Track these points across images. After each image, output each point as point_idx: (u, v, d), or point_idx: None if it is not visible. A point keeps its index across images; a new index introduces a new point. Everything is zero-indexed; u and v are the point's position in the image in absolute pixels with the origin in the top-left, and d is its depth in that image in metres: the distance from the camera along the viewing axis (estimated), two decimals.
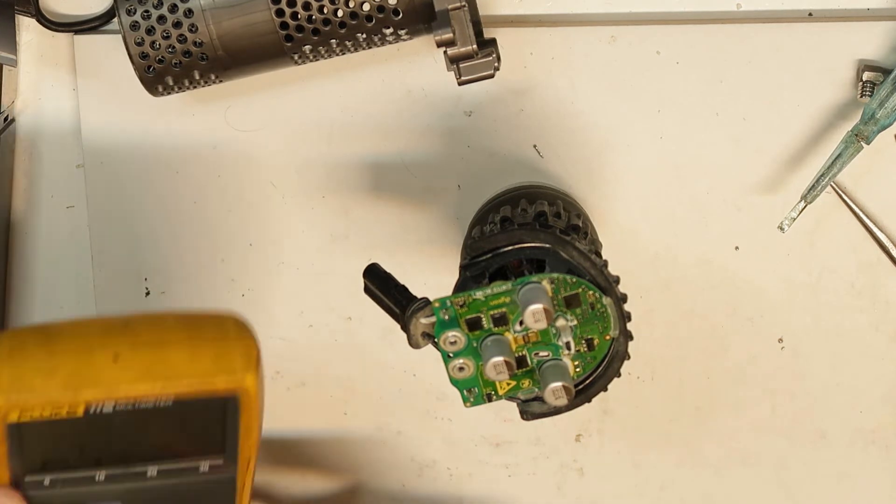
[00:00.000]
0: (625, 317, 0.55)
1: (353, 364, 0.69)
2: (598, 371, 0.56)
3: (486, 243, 0.56)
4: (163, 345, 0.50)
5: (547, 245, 0.55)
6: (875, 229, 0.64)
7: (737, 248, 0.65)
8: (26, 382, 0.49)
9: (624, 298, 0.55)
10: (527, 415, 0.57)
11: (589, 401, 0.56)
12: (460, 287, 0.56)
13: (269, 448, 0.70)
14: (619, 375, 0.56)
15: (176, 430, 0.52)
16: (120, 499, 0.52)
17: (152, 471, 0.52)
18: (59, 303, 0.69)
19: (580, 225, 0.60)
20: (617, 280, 0.55)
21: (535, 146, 0.64)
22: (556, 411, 0.56)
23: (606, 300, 0.55)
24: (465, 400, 0.56)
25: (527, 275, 0.54)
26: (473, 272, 0.56)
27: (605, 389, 0.56)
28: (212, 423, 0.51)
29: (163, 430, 0.51)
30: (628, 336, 0.55)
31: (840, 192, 0.63)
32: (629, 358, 0.56)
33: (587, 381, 0.56)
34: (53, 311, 0.69)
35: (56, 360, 0.49)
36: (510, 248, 0.56)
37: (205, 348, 0.50)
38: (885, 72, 0.60)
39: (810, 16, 0.61)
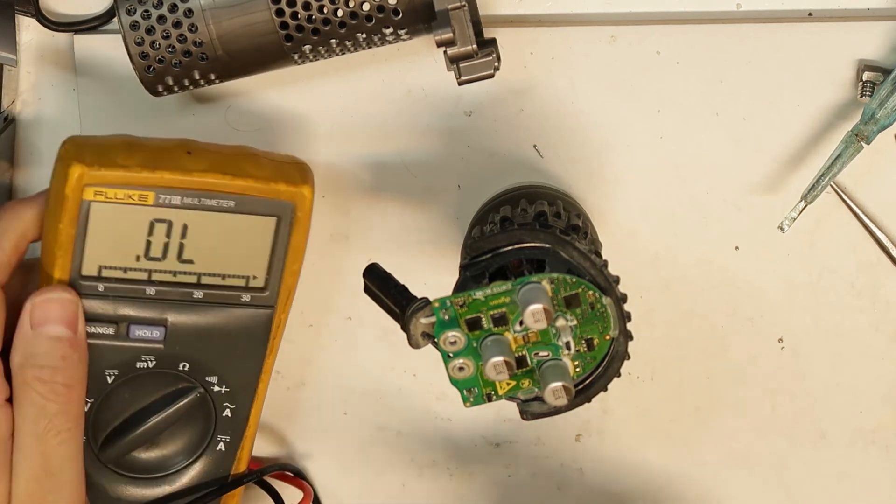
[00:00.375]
0: (625, 317, 0.55)
1: (353, 364, 0.68)
2: (598, 371, 0.56)
3: (486, 243, 0.56)
4: (230, 154, 0.54)
5: (547, 245, 0.55)
6: (875, 229, 0.64)
7: (737, 248, 0.65)
8: (108, 158, 0.52)
9: (624, 298, 0.55)
10: (527, 415, 0.57)
11: (589, 401, 0.56)
12: (460, 287, 0.56)
13: (268, 447, 0.70)
14: (619, 375, 0.56)
15: (229, 243, 0.54)
16: (164, 323, 0.54)
17: (198, 293, 0.55)
18: None
19: (580, 225, 0.60)
20: (617, 280, 0.55)
21: (535, 146, 0.64)
22: (556, 411, 0.56)
23: (606, 300, 0.55)
24: (465, 400, 0.56)
25: (527, 275, 0.54)
26: (473, 272, 0.56)
27: (605, 389, 0.56)
28: (262, 241, 0.55)
29: (218, 241, 0.54)
30: (628, 336, 0.55)
31: (840, 192, 0.63)
32: (629, 358, 0.56)
33: (587, 381, 0.56)
34: None
35: (135, 148, 0.53)
36: (510, 248, 0.56)
37: (266, 161, 0.55)
38: (885, 72, 0.60)
39: (810, 16, 0.61)
